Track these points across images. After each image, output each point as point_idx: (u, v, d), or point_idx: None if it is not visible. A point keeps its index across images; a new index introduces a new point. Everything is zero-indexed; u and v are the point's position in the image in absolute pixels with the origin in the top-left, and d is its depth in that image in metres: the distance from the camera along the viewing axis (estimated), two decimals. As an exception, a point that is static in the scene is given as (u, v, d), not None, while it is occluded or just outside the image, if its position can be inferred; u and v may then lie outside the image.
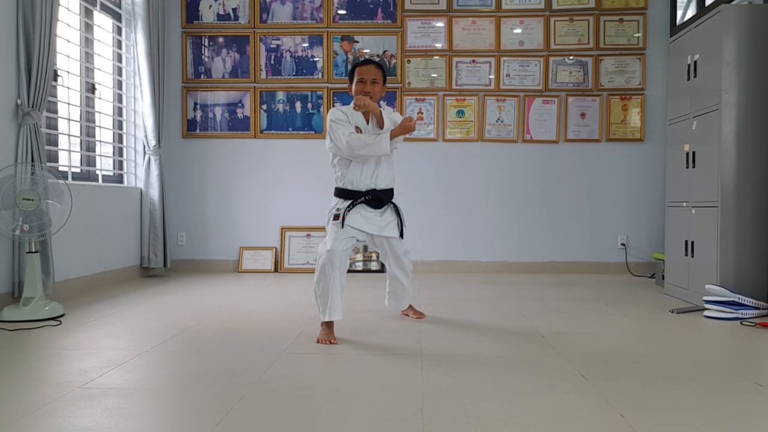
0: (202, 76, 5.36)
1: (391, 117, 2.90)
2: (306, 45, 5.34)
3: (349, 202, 2.88)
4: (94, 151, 4.55)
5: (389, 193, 3.00)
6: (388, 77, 3.08)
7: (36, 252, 3.27)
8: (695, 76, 3.80)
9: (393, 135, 2.82)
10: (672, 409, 1.83)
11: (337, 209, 2.89)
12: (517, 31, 5.29)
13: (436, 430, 1.66)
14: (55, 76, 3.91)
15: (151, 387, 2.08)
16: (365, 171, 2.91)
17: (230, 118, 5.36)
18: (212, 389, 2.03)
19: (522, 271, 5.28)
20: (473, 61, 5.30)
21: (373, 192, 2.92)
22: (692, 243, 3.76)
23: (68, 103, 4.12)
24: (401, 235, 3.02)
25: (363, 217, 2.89)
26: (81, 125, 4.34)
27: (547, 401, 1.90)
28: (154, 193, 4.96)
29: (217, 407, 1.84)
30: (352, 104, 2.97)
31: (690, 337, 2.86)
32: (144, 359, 2.41)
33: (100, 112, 4.57)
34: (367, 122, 2.93)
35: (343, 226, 2.82)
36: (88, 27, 4.42)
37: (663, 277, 4.27)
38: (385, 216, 2.97)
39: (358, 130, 2.90)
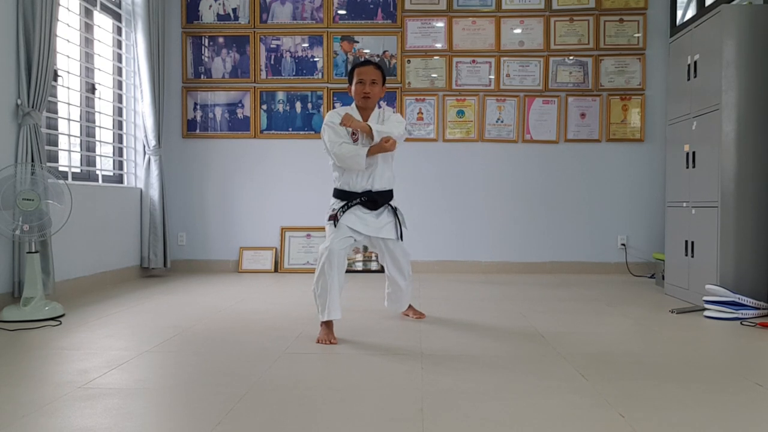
0: (202, 76, 5.36)
1: (387, 123, 2.93)
2: (306, 45, 5.34)
3: (344, 202, 2.90)
4: (94, 151, 4.55)
5: (386, 194, 3.00)
6: (388, 77, 3.08)
7: (36, 252, 3.27)
8: (695, 76, 3.80)
9: (371, 152, 2.83)
10: (672, 409, 1.83)
11: (333, 209, 2.92)
12: (517, 31, 5.29)
13: (436, 430, 1.66)
14: (55, 76, 3.91)
15: (151, 387, 2.08)
16: (361, 172, 2.91)
17: (230, 118, 5.36)
18: (212, 389, 2.03)
19: (522, 271, 5.27)
20: (473, 61, 5.30)
21: (368, 193, 2.93)
22: (692, 243, 3.76)
23: (68, 103, 4.12)
24: (401, 237, 3.02)
25: (358, 218, 2.91)
26: (81, 125, 4.34)
27: (547, 401, 1.90)
28: (154, 193, 4.96)
29: (217, 407, 1.84)
30: (353, 105, 2.98)
31: (690, 337, 2.86)
32: (144, 359, 2.41)
33: (100, 112, 4.57)
34: None
35: (336, 226, 2.84)
36: (88, 27, 4.42)
37: (663, 277, 4.27)
38: (381, 218, 2.97)
39: (355, 133, 2.91)
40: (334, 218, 2.87)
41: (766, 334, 2.89)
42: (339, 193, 2.97)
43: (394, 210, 3.01)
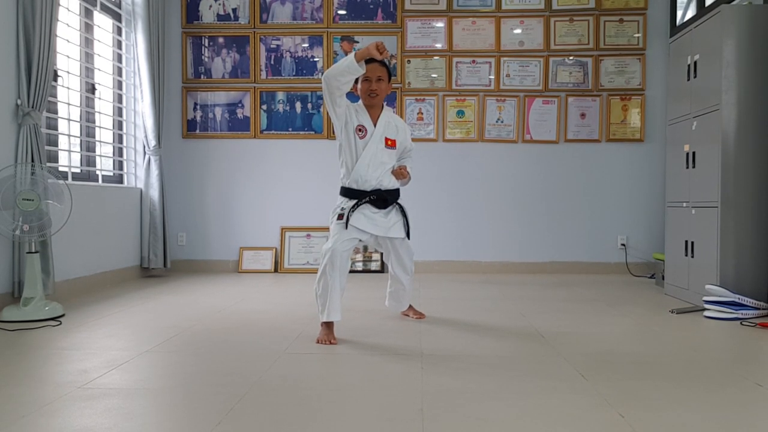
0: (202, 76, 5.36)
1: (401, 133, 3.03)
2: (306, 45, 5.34)
3: (354, 201, 2.88)
4: (94, 152, 4.55)
5: (394, 193, 3.00)
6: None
7: (36, 252, 3.27)
8: (695, 76, 3.80)
9: (358, 56, 2.70)
10: (672, 409, 1.83)
11: (342, 209, 2.88)
12: (517, 31, 5.29)
13: (436, 430, 1.66)
14: (55, 76, 3.91)
15: (151, 387, 2.08)
16: (371, 170, 2.90)
17: (230, 119, 5.36)
18: (212, 389, 2.03)
19: (522, 271, 5.28)
20: (473, 61, 5.30)
21: (378, 192, 2.92)
22: (692, 243, 3.76)
23: (68, 103, 4.12)
24: (408, 235, 3.02)
25: (367, 217, 2.88)
26: (81, 125, 4.34)
27: (547, 401, 1.90)
28: (154, 193, 4.96)
29: (217, 407, 1.84)
30: (360, 102, 2.97)
31: (690, 337, 2.86)
32: (144, 359, 2.41)
33: (100, 112, 4.57)
34: (374, 124, 2.93)
35: (347, 227, 2.82)
36: (88, 27, 4.42)
37: (663, 277, 4.27)
38: (390, 216, 2.97)
39: (363, 129, 2.91)
40: (343, 218, 2.83)
41: (766, 334, 2.89)
42: (347, 192, 2.93)
43: (402, 208, 3.01)
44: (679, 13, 5.14)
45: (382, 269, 5.17)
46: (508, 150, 5.31)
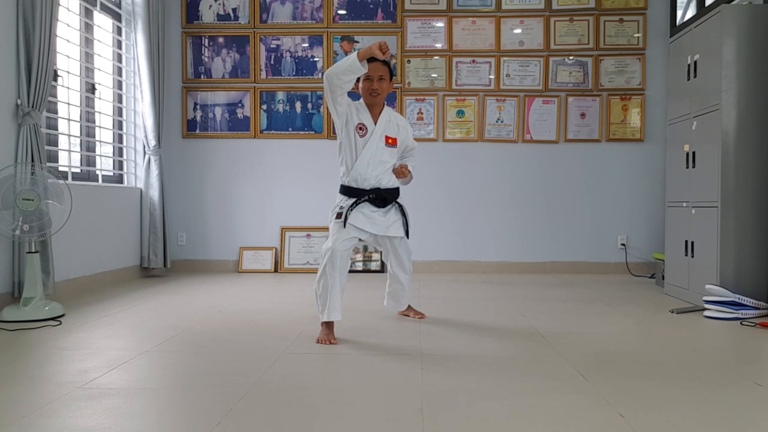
0: (202, 76, 5.36)
1: (402, 132, 3.03)
2: (306, 45, 5.34)
3: (353, 200, 2.88)
4: (94, 151, 4.55)
5: (394, 192, 3.00)
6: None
7: (36, 252, 3.27)
8: (695, 76, 3.80)
9: (361, 56, 2.67)
10: (672, 409, 1.83)
11: (341, 207, 2.88)
12: (517, 31, 5.29)
13: (436, 430, 1.66)
14: (55, 76, 3.91)
15: (151, 387, 2.08)
16: (370, 168, 2.90)
17: (230, 118, 5.36)
18: (212, 389, 2.03)
19: (522, 271, 5.28)
20: (473, 61, 5.30)
21: (377, 191, 2.92)
22: (692, 243, 3.76)
23: (68, 103, 4.12)
24: (407, 234, 3.02)
25: (365, 216, 2.88)
26: (81, 125, 4.34)
27: (547, 401, 1.90)
28: (154, 193, 4.96)
29: (217, 407, 1.84)
30: (361, 100, 2.97)
31: (690, 337, 2.86)
32: (144, 359, 2.41)
33: (100, 112, 4.57)
34: (375, 122, 2.93)
35: (345, 226, 2.82)
36: (88, 27, 4.42)
37: (663, 277, 4.27)
38: (389, 215, 2.97)
39: (363, 127, 2.91)
40: (342, 217, 2.83)
41: (766, 334, 2.89)
42: (346, 190, 2.94)
43: (401, 207, 3.01)
44: (679, 13, 5.14)
45: (382, 269, 5.17)
46: (508, 150, 5.32)
